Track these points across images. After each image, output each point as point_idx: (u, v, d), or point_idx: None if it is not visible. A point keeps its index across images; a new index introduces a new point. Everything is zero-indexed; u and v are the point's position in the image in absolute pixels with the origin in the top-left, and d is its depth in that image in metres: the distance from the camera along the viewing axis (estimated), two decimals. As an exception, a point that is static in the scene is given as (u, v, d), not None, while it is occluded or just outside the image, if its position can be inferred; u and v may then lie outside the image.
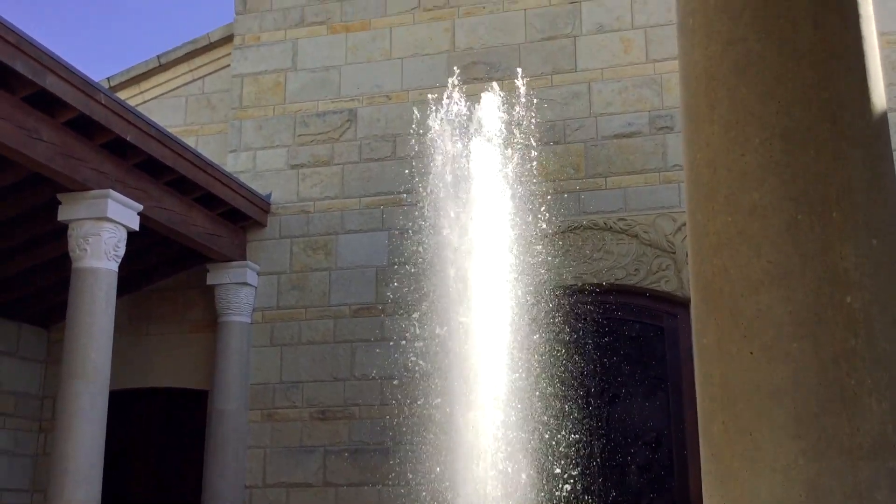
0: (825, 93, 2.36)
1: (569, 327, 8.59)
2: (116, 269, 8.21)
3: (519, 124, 8.73)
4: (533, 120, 8.95)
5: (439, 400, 7.81)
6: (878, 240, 2.30)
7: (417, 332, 8.37)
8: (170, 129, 9.42)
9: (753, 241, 2.33)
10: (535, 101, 9.38)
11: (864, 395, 2.19)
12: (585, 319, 8.93)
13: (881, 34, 8.76)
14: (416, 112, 9.62)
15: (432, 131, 8.24)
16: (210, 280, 10.35)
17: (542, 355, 7.96)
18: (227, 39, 11.47)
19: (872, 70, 2.45)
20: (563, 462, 7.91)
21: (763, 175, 2.35)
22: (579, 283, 9.23)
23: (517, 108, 8.77)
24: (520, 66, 9.83)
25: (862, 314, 2.25)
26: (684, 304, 9.10)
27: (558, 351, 8.40)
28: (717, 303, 2.40)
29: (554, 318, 8.37)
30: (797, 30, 2.39)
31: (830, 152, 2.31)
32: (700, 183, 2.53)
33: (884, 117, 2.45)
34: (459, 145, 8.01)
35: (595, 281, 9.33)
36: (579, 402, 8.62)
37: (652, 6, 10.06)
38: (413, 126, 9.76)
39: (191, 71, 11.58)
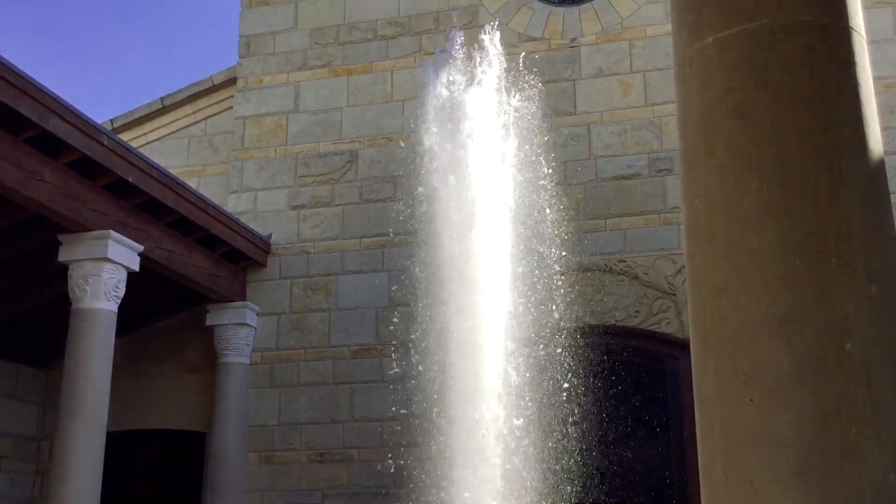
0: (822, 140, 2.37)
1: (569, 369, 8.55)
2: (116, 310, 8.20)
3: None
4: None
5: (442, 438, 7.74)
6: (877, 286, 2.30)
7: (418, 372, 8.33)
8: (172, 170, 9.46)
9: (752, 288, 2.32)
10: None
11: (865, 444, 2.17)
12: (586, 361, 8.88)
13: (878, 78, 8.83)
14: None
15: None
16: (209, 320, 10.33)
17: (542, 397, 7.91)
18: (231, 82, 11.57)
19: (869, 118, 2.46)
20: (564, 506, 7.82)
21: (761, 221, 2.35)
22: (580, 325, 9.20)
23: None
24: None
25: (862, 362, 2.24)
26: (685, 346, 9.06)
27: (559, 393, 8.35)
28: (716, 349, 2.39)
29: (554, 359, 8.33)
30: (794, 78, 2.41)
31: (828, 199, 2.31)
32: (698, 228, 2.53)
33: (881, 164, 2.46)
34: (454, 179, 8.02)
35: (596, 322, 9.31)
36: (580, 444, 8.55)
37: (650, 51, 10.16)
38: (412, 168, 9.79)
39: (194, 113, 11.68)
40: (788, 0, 2.50)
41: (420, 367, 8.19)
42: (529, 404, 7.65)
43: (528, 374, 7.64)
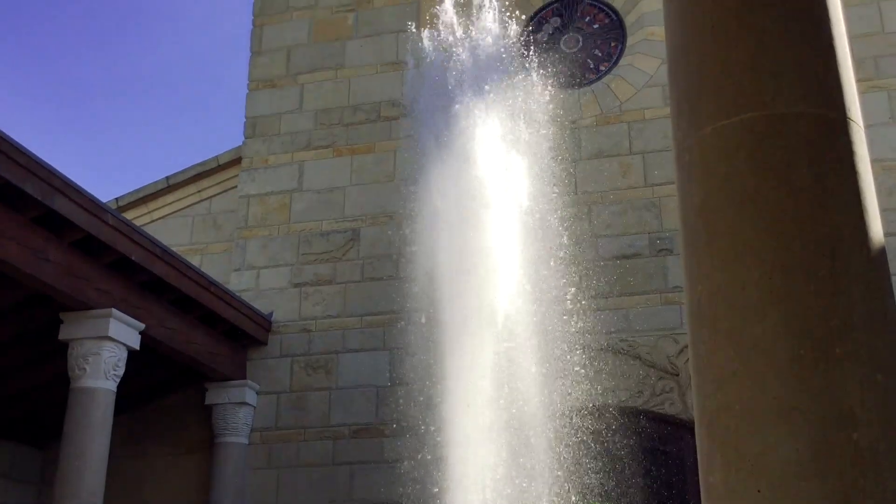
0: (823, 228, 2.39)
1: (573, 450, 8.44)
2: (115, 390, 8.14)
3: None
4: None
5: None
6: (882, 375, 2.29)
7: (422, 453, 8.21)
8: (175, 248, 9.52)
9: (757, 376, 2.31)
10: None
11: (876, 537, 2.13)
12: (589, 442, 8.77)
13: (876, 161, 8.93)
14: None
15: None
16: (209, 399, 10.24)
17: (547, 478, 7.79)
18: (235, 162, 11.72)
19: (869, 206, 2.49)
20: None
21: (764, 309, 2.35)
22: (582, 405, 9.12)
23: None
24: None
25: (869, 452, 2.21)
26: (689, 427, 8.96)
27: (562, 472, 8.22)
28: (722, 439, 2.37)
29: (558, 441, 8.23)
30: (792, 167, 2.44)
31: (830, 287, 2.32)
32: (702, 315, 2.53)
33: (882, 252, 2.48)
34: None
35: (598, 403, 9.22)
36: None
37: (649, 133, 10.31)
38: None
39: (199, 192, 11.80)
40: (786, 91, 2.55)
41: (421, 449, 8.09)
42: (532, 486, 7.52)
43: (532, 458, 7.54)
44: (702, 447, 2.45)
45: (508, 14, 10.87)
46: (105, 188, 31.35)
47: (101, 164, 26.43)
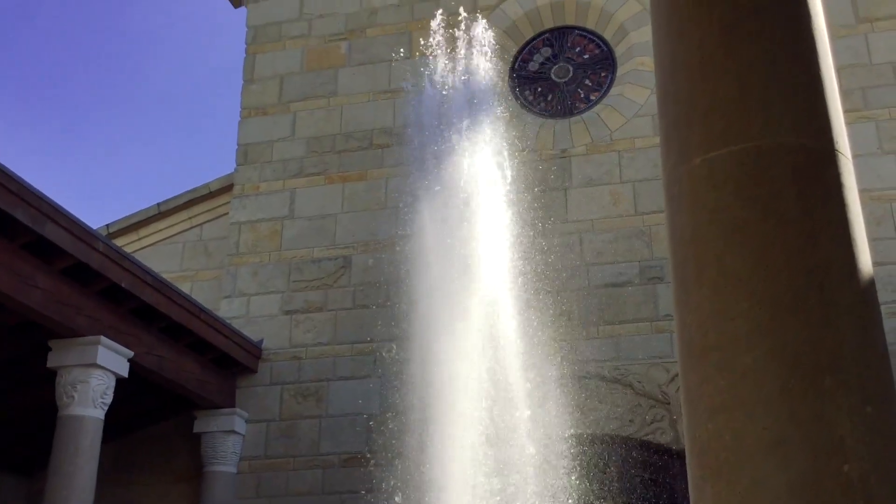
0: (811, 259, 2.40)
1: (563, 480, 8.39)
2: (103, 418, 8.07)
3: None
4: None
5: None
6: (872, 407, 2.29)
7: (413, 482, 8.16)
8: (165, 275, 9.48)
9: (748, 407, 2.30)
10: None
11: (867, 571, 2.12)
12: (579, 472, 8.72)
13: (864, 191, 9.01)
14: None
15: None
16: (197, 428, 10.16)
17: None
18: (227, 189, 11.73)
19: (857, 237, 2.50)
20: None
21: (754, 339, 2.35)
22: (574, 433, 9.08)
23: None
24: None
25: (860, 483, 2.20)
26: (680, 456, 8.92)
27: (552, 502, 8.17)
28: (713, 469, 2.36)
29: (548, 470, 8.18)
30: (781, 199, 2.46)
31: (819, 319, 2.32)
32: (692, 345, 2.53)
33: (871, 283, 2.49)
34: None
35: (590, 431, 9.18)
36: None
37: (639, 162, 10.37)
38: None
39: (190, 218, 11.79)
40: (775, 123, 2.57)
41: (411, 479, 8.03)
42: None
43: (522, 487, 7.49)
44: (692, 477, 2.45)
45: (499, 44, 10.95)
46: (97, 215, 31.29)
47: (92, 191, 26.40)
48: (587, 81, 11.26)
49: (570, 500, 8.36)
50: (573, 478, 8.57)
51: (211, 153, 28.00)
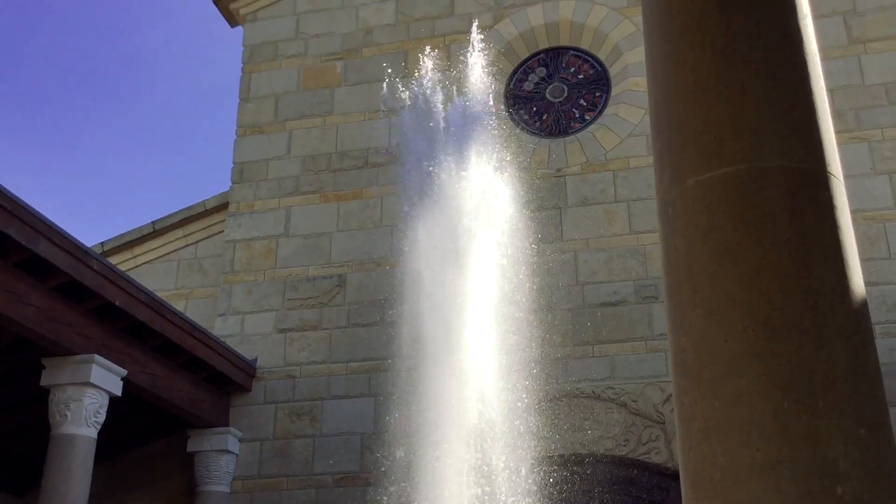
0: (804, 281, 2.41)
1: (557, 500, 8.35)
2: (95, 437, 8.03)
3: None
4: None
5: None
6: (865, 428, 2.29)
7: (407, 502, 8.11)
8: (160, 293, 9.46)
9: (741, 429, 2.31)
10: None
11: None
12: (575, 493, 8.69)
13: (857, 211, 9.05)
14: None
15: None
16: (190, 447, 10.11)
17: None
18: (222, 207, 11.73)
19: (850, 259, 2.51)
20: None
21: (748, 361, 2.36)
22: (568, 454, 9.05)
23: None
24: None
25: (854, 505, 2.20)
26: (675, 476, 8.90)
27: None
28: (707, 490, 2.35)
29: (542, 490, 8.15)
30: (774, 220, 2.47)
31: (812, 341, 2.33)
32: (686, 366, 2.53)
33: (864, 304, 2.49)
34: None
35: (584, 451, 9.16)
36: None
37: (634, 181, 10.40)
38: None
39: (185, 236, 11.78)
40: (767, 145, 2.58)
41: (404, 497, 7.99)
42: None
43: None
44: (687, 498, 2.44)
45: (495, 64, 11.01)
46: (91, 232, 31.25)
47: (87, 209, 26.38)
48: (582, 101, 11.31)
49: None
50: (567, 498, 8.53)
51: (206, 171, 28.04)
